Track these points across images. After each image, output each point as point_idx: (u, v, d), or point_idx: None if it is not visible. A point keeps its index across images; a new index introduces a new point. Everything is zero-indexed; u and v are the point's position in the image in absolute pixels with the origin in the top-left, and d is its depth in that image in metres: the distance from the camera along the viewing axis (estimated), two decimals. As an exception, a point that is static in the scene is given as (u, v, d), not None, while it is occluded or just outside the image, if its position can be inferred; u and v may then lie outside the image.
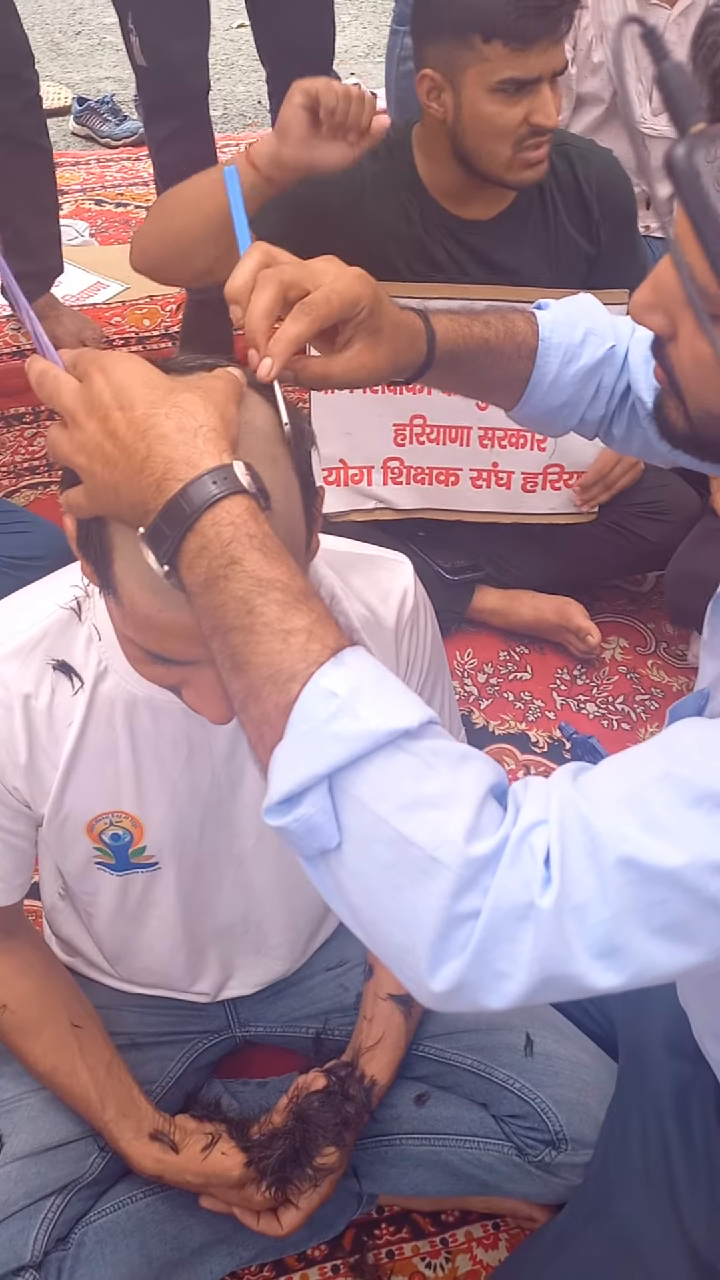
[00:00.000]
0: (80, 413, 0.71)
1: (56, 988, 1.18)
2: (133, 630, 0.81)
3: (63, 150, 3.69)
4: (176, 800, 1.07)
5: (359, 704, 0.63)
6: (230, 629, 0.66)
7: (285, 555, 0.67)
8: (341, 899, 0.67)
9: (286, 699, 0.64)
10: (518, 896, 0.63)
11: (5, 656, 1.00)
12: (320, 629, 0.65)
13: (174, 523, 0.67)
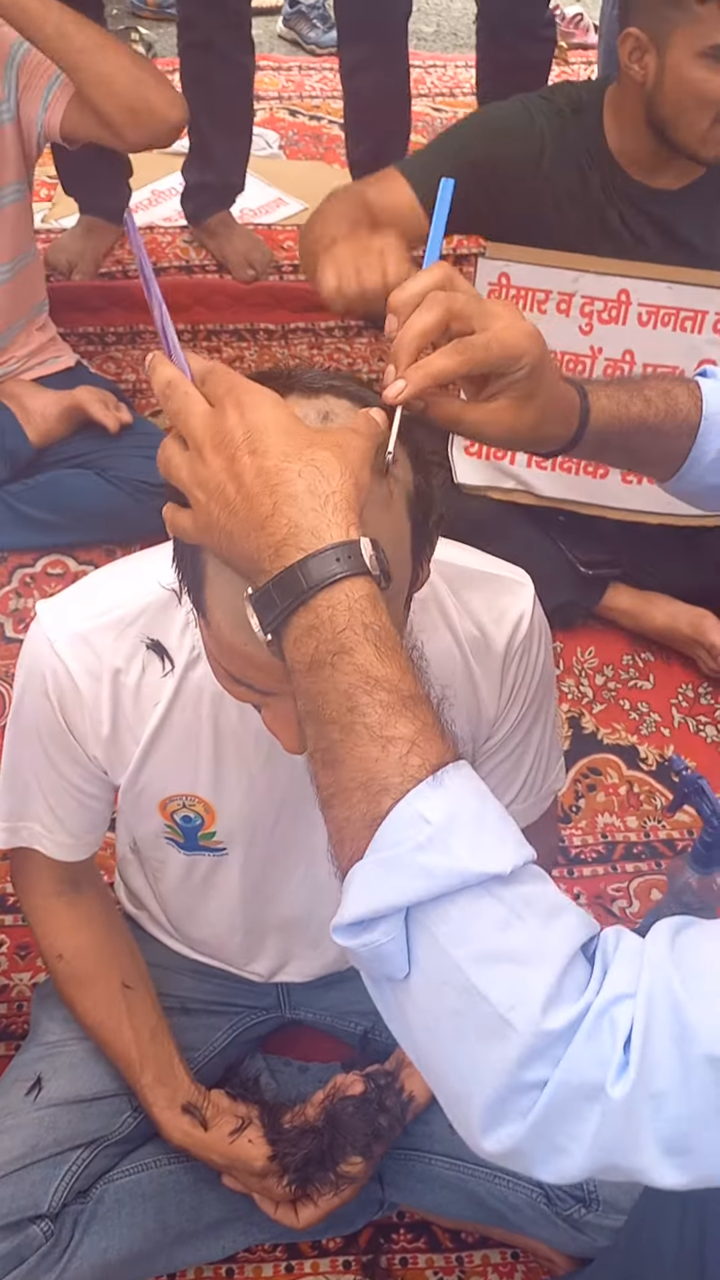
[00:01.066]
0: (208, 445, 0.65)
1: (114, 945, 1.19)
2: (217, 653, 0.78)
3: (266, 52, 3.59)
4: (252, 793, 1.04)
5: (452, 837, 0.59)
6: (328, 721, 0.61)
7: (399, 651, 0.62)
8: (402, 1026, 0.63)
9: (376, 812, 0.60)
10: (590, 1075, 0.58)
11: (103, 627, 0.98)
12: (424, 741, 0.60)
13: (287, 594, 0.62)
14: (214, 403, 0.66)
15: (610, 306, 1.63)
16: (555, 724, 1.15)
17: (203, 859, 1.11)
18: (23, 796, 1.09)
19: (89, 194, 2.58)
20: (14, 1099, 1.17)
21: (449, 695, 1.01)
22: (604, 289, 1.62)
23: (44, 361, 2.11)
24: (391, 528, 0.73)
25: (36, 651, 1.00)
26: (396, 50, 2.35)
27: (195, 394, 0.67)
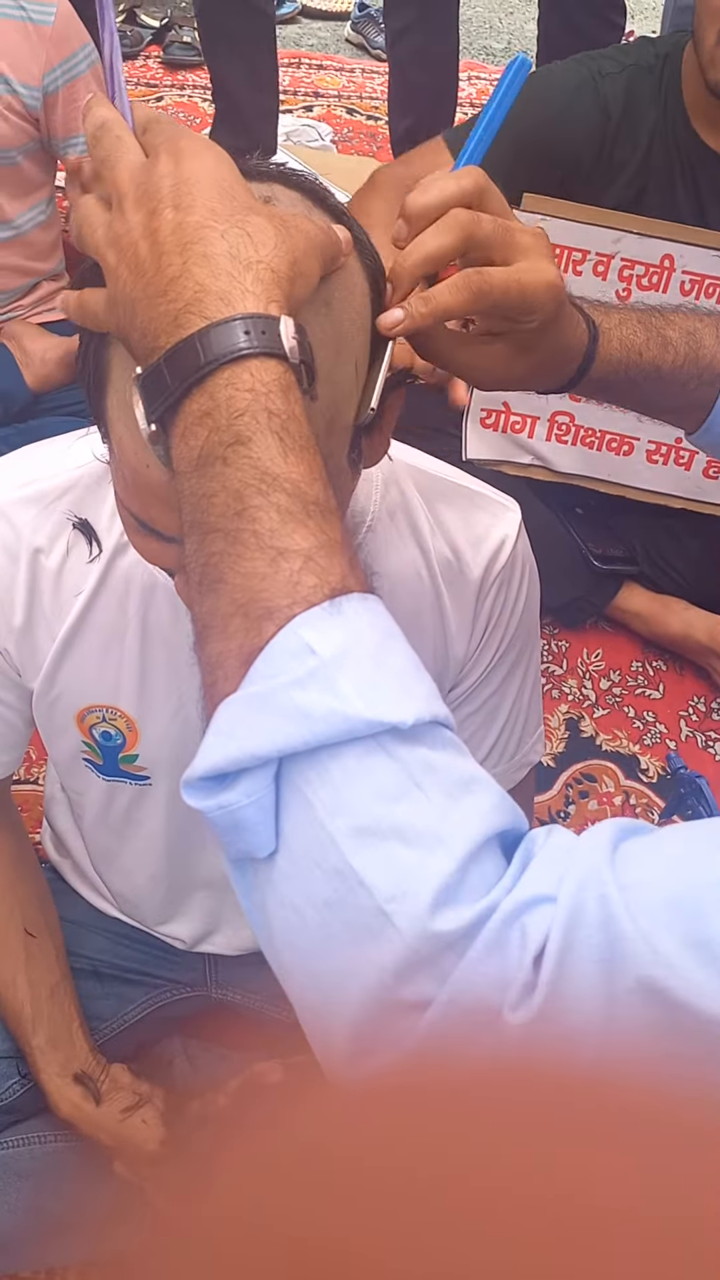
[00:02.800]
0: (130, 196, 0.54)
1: (21, 888, 1.06)
2: (120, 487, 0.65)
3: (332, 54, 3.56)
4: (182, 711, 0.91)
5: (341, 673, 0.46)
6: (210, 529, 0.49)
7: (310, 450, 0.50)
8: (261, 921, 0.49)
9: (254, 642, 0.47)
10: (485, 997, 0.44)
11: (24, 500, 0.86)
12: (324, 558, 0.48)
13: (180, 370, 0.50)
14: (150, 153, 0.55)
15: (652, 272, 1.52)
16: (537, 683, 1.01)
17: (124, 787, 0.98)
18: (-72, 699, 0.96)
19: None
20: None
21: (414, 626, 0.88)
22: (647, 252, 1.50)
23: (52, 309, 2.02)
24: (334, 331, 0.61)
25: None
26: (444, 16, 2.27)
27: (131, 141, 0.56)
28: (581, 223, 1.50)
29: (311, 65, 3.47)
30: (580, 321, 0.73)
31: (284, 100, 3.26)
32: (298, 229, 0.55)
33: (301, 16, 3.70)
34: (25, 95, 1.75)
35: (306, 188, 0.64)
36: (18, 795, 1.13)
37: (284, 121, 3.13)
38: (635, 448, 1.60)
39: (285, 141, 3.05)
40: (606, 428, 1.61)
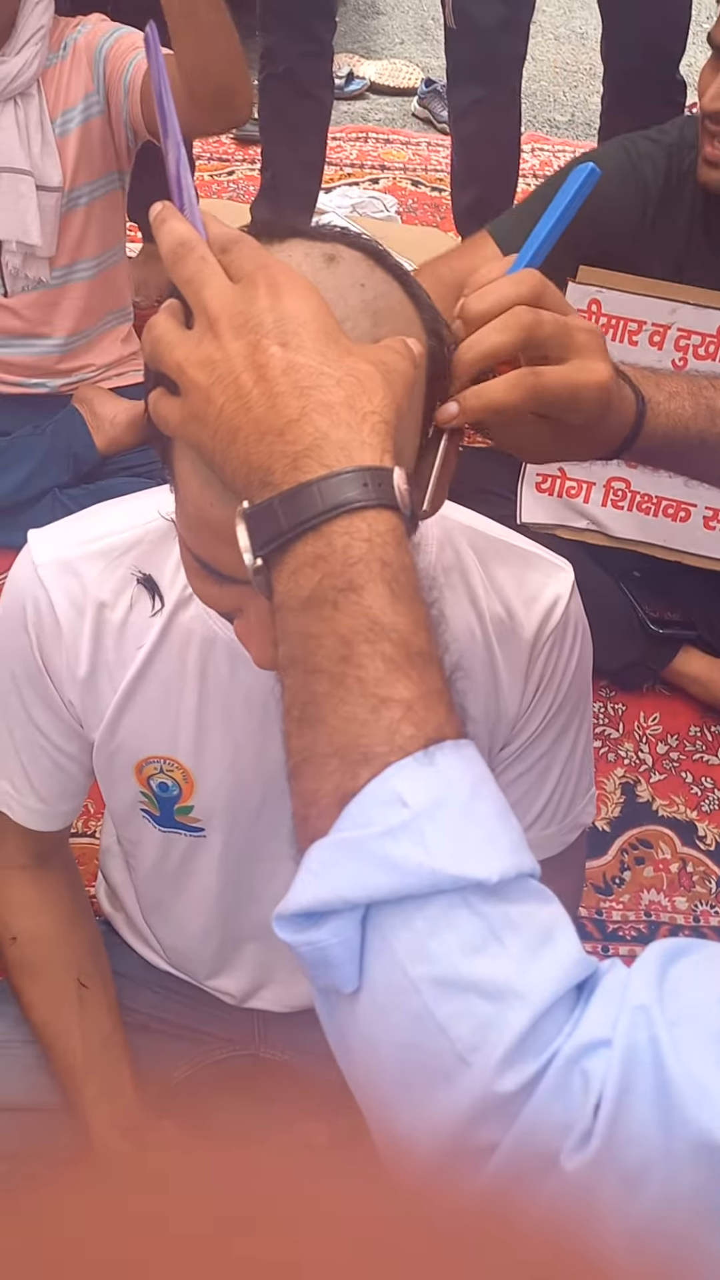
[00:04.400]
0: (226, 324, 0.55)
1: (75, 935, 1.07)
2: (184, 528, 0.67)
3: (399, 128, 3.65)
4: (237, 764, 0.92)
5: (431, 828, 0.48)
6: (316, 670, 0.51)
7: (417, 600, 0.52)
8: (343, 1049, 0.51)
9: (350, 786, 0.49)
10: (547, 1142, 0.45)
11: (91, 555, 0.89)
12: (424, 707, 0.49)
13: (296, 513, 0.51)
14: (237, 278, 0.56)
15: (709, 342, 1.53)
16: (589, 745, 1.01)
17: (179, 839, 0.99)
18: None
19: None
20: (-59, 1095, 1.05)
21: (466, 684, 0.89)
22: (703, 322, 1.52)
23: (122, 374, 2.08)
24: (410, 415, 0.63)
25: (21, 578, 0.91)
26: (507, 94, 2.33)
27: (215, 264, 0.57)
28: (637, 294, 1.52)
29: (378, 139, 3.57)
30: (628, 396, 0.74)
31: (351, 173, 3.35)
32: (396, 372, 0.56)
33: (370, 93, 3.81)
34: (97, 78, 1.80)
35: (368, 249, 0.66)
36: (74, 848, 1.15)
37: (350, 193, 3.22)
38: (692, 514, 1.61)
39: (351, 213, 3.13)
40: (663, 494, 1.62)
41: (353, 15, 4.30)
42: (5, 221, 1.80)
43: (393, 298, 0.65)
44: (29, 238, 1.81)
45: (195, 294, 0.56)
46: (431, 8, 4.46)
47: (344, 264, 0.63)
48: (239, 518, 0.54)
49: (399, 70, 3.86)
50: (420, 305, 0.66)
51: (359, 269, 0.64)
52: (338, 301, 0.62)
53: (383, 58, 3.99)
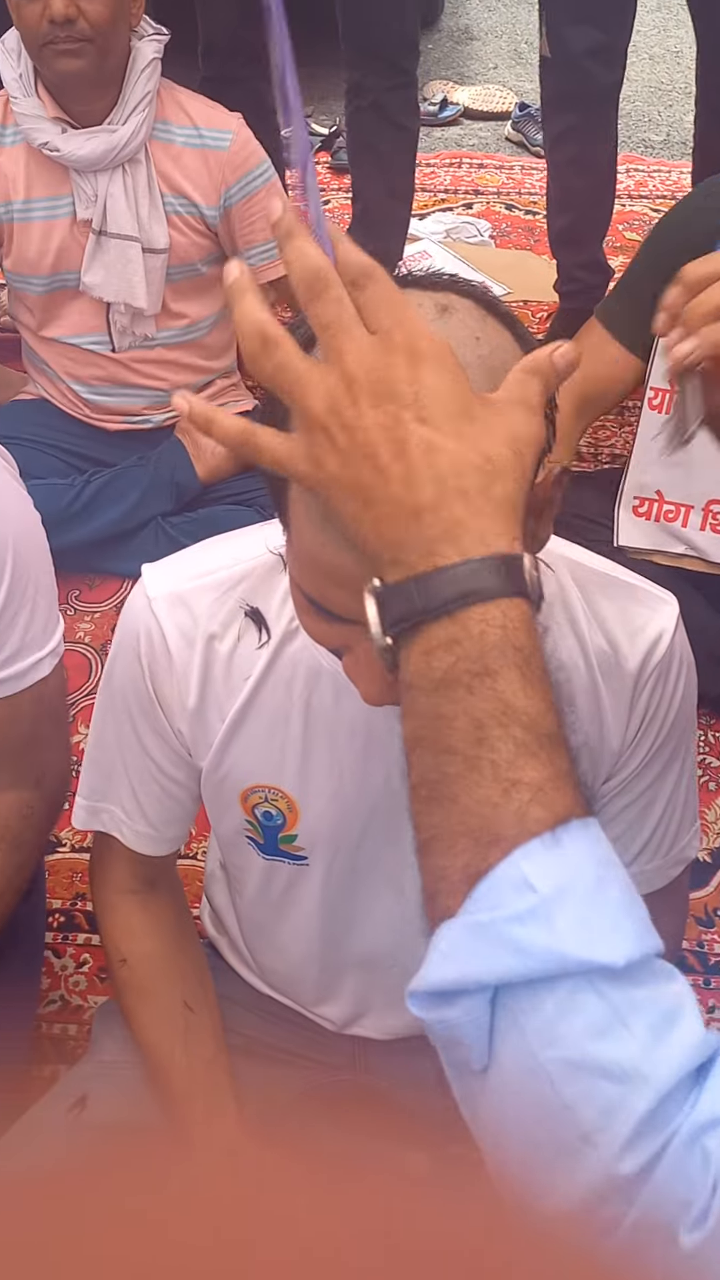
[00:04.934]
0: (365, 390, 0.54)
1: (182, 959, 1.09)
2: (296, 568, 0.69)
3: (492, 153, 3.67)
4: (341, 794, 0.94)
5: (560, 912, 0.49)
6: (448, 750, 0.52)
7: (545, 682, 0.54)
8: (473, 1121, 0.53)
9: (479, 866, 0.51)
10: (666, 1218, 0.47)
11: (202, 588, 0.91)
12: (553, 790, 0.51)
13: (431, 598, 0.53)
14: (374, 328, 0.55)
15: None
16: (693, 778, 1.00)
17: (282, 867, 1.00)
18: (107, 774, 1.02)
19: None
20: (54, 1113, 1.08)
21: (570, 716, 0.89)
22: None
23: (224, 404, 2.13)
24: None
25: (135, 610, 0.94)
26: (603, 120, 2.32)
27: (352, 309, 0.55)
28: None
29: (472, 164, 3.59)
30: None
31: (445, 199, 3.38)
32: (525, 440, 0.56)
33: (464, 118, 3.84)
34: (207, 214, 1.88)
35: (479, 296, 0.67)
36: (179, 869, 1.17)
37: (444, 219, 3.24)
38: None
39: (445, 238, 3.15)
40: (766, 517, 1.60)
41: (446, 42, 4.34)
42: (114, 285, 1.86)
43: (507, 350, 0.66)
44: (135, 301, 1.87)
45: (333, 340, 0.55)
46: (525, 32, 4.48)
47: (457, 316, 0.64)
48: (369, 594, 0.55)
49: (492, 95, 3.88)
50: (526, 347, 0.67)
51: (472, 320, 0.65)
52: None
53: (476, 83, 4.01)
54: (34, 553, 1.02)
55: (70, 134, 1.79)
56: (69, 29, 1.67)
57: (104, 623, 2.01)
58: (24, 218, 1.85)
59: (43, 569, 1.04)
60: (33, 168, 1.83)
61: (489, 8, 4.56)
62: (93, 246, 1.85)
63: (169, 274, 1.90)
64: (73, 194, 1.83)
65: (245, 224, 1.89)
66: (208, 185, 1.86)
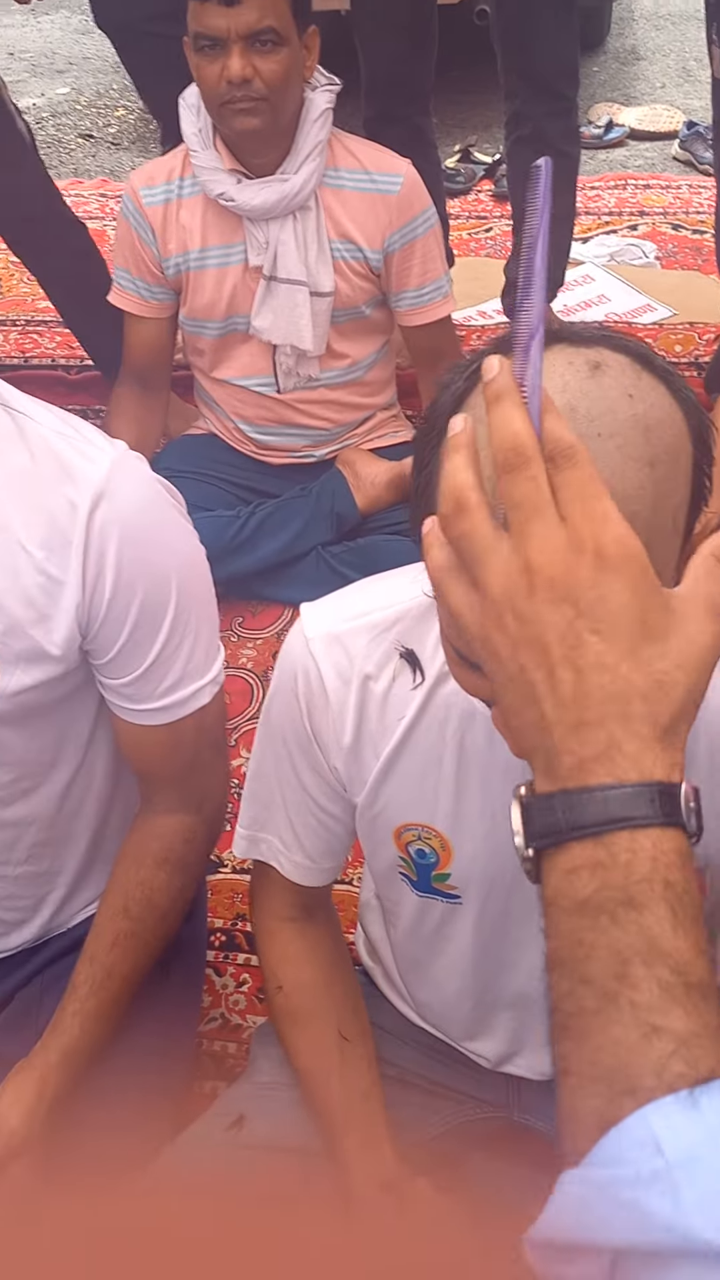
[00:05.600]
0: (543, 580, 0.52)
1: (338, 989, 1.11)
2: (446, 623, 0.71)
3: (658, 173, 3.62)
4: (494, 836, 0.94)
5: (687, 1184, 0.46)
6: (586, 980, 0.50)
7: (699, 924, 0.51)
8: None
9: (612, 1114, 0.48)
10: None
11: (357, 630, 0.94)
12: (698, 1045, 0.48)
13: (579, 816, 0.51)
14: (565, 516, 0.53)
15: None
16: None
17: (435, 904, 1.02)
18: (266, 805, 1.05)
19: None
20: (212, 1130, 1.11)
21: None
22: None
23: (382, 435, 2.16)
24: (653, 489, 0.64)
25: (293, 650, 0.97)
26: None
27: (548, 492, 0.53)
28: None
29: (638, 185, 3.54)
30: None
31: (609, 221, 3.35)
32: (700, 663, 0.53)
33: (630, 140, 3.80)
34: (370, 258, 1.92)
35: (632, 350, 0.67)
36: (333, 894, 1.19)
37: (607, 242, 3.21)
38: None
39: (609, 261, 3.12)
40: None
41: (612, 63, 4.30)
42: (282, 329, 1.92)
43: (662, 407, 0.65)
44: (302, 343, 1.93)
45: (524, 522, 0.53)
46: (694, 49, 4.41)
47: (610, 373, 0.64)
48: (515, 799, 0.54)
49: (659, 115, 3.83)
50: (687, 410, 0.67)
51: (626, 377, 0.65)
52: (606, 416, 0.63)
53: (643, 103, 3.97)
54: (198, 585, 1.07)
55: (245, 184, 1.86)
56: (245, 89, 1.74)
57: (265, 649, 2.07)
58: (199, 266, 1.93)
59: (206, 600, 1.08)
60: (209, 217, 1.91)
61: (656, 27, 4.51)
62: (263, 292, 1.91)
63: (335, 315, 1.95)
64: (245, 241, 1.90)
65: (402, 268, 1.92)
66: (373, 229, 1.90)
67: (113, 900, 1.11)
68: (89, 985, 1.09)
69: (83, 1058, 1.09)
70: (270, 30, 1.72)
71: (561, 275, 2.68)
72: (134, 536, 0.98)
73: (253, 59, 1.73)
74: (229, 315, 1.95)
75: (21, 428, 0.98)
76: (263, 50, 1.73)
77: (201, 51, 1.76)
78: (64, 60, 4.81)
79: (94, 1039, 1.09)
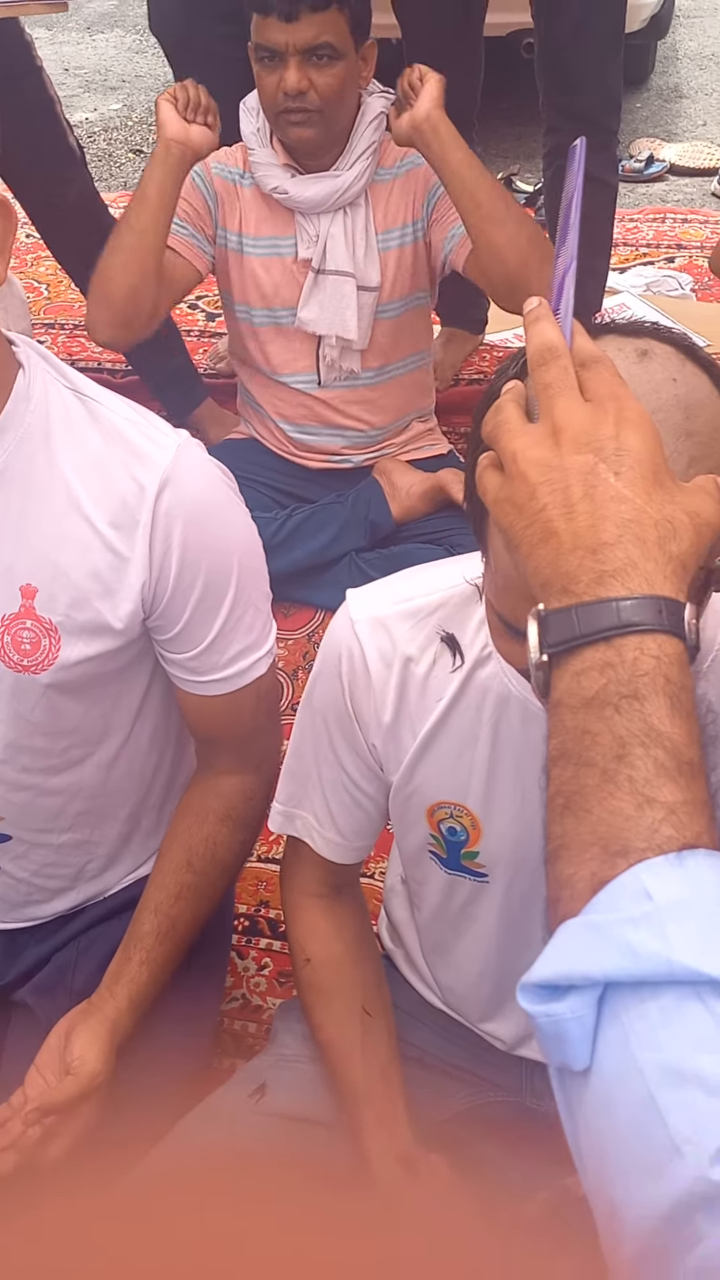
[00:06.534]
0: (570, 437, 0.60)
1: (363, 966, 1.15)
2: (492, 591, 0.75)
3: (697, 208, 3.68)
4: (523, 815, 0.98)
5: (672, 923, 0.51)
6: (588, 764, 0.56)
7: (693, 719, 0.57)
8: (570, 1128, 0.55)
9: (606, 874, 0.53)
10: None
11: (401, 615, 0.98)
12: (686, 814, 0.54)
13: (595, 624, 0.57)
14: (590, 398, 0.62)
15: None
16: None
17: (463, 882, 1.06)
18: (303, 782, 1.09)
19: (452, 311, 2.74)
20: (235, 1098, 1.15)
21: None
22: None
23: (419, 447, 2.22)
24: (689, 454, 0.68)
25: (338, 632, 1.02)
26: None
27: (574, 377, 0.62)
28: None
29: (676, 219, 3.60)
30: None
31: (648, 253, 3.40)
32: (705, 521, 0.60)
33: (670, 174, 3.86)
34: (418, 228, 1.98)
35: (678, 342, 0.72)
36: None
37: (645, 273, 3.27)
38: None
39: (645, 292, 3.18)
40: None
41: (655, 100, 4.38)
42: (328, 319, 1.98)
43: (702, 390, 0.70)
44: (347, 333, 1.98)
45: (550, 400, 0.61)
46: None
47: (656, 359, 0.69)
48: (531, 617, 0.59)
49: (699, 151, 3.89)
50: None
51: (671, 364, 0.70)
52: (650, 395, 0.68)
53: (684, 139, 4.03)
54: (255, 562, 1.12)
55: (298, 178, 1.93)
56: (300, 100, 1.81)
57: (296, 649, 2.11)
58: (250, 251, 1.99)
59: (262, 576, 1.14)
60: (263, 210, 1.97)
61: (700, 67, 4.58)
62: (310, 284, 1.97)
63: (381, 310, 2.00)
64: (295, 235, 1.97)
65: (444, 215, 1.95)
66: (417, 195, 1.96)
67: (176, 855, 1.16)
68: (155, 935, 1.14)
69: (148, 1003, 1.13)
70: (327, 45, 1.79)
71: (599, 302, 2.74)
72: (198, 518, 1.03)
73: (309, 72, 1.80)
74: (272, 305, 2.01)
75: (94, 413, 1.03)
76: (319, 64, 1.80)
77: (261, 62, 1.83)
78: (117, 77, 4.92)
79: (159, 986, 1.14)
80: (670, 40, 4.70)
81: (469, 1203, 1.06)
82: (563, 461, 0.60)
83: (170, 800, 1.24)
